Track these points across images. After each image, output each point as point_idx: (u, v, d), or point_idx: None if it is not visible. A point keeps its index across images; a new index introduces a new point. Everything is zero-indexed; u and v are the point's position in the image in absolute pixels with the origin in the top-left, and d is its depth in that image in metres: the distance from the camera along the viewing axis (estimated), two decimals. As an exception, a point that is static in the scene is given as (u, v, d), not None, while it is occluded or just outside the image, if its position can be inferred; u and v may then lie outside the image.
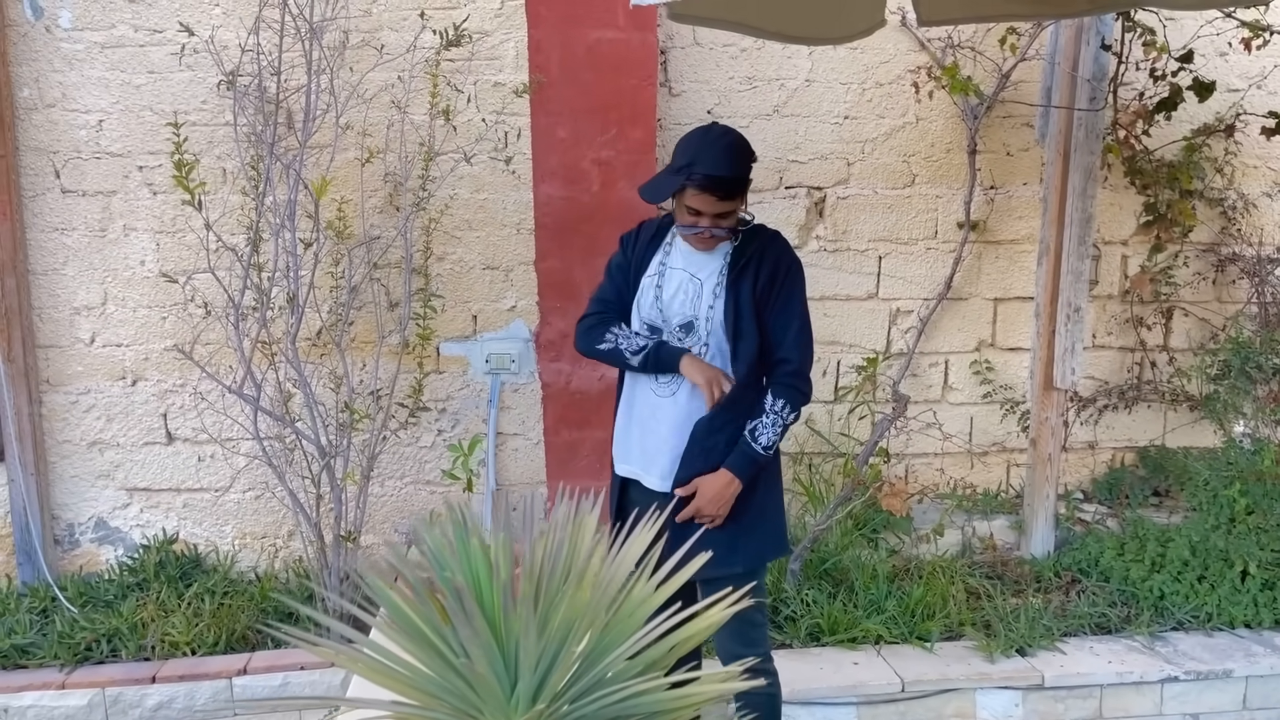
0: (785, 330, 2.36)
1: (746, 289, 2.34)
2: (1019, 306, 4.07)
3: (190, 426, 3.60)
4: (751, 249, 2.37)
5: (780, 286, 2.35)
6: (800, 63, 3.80)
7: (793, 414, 2.36)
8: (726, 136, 2.30)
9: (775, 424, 2.33)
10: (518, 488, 3.82)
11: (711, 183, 2.23)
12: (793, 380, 2.36)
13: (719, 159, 2.25)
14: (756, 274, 2.35)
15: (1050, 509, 3.92)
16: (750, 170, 2.32)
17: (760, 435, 2.32)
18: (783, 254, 2.38)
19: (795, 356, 2.36)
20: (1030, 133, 3.93)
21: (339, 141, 3.41)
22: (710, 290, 2.36)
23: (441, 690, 0.92)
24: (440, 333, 3.66)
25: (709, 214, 2.28)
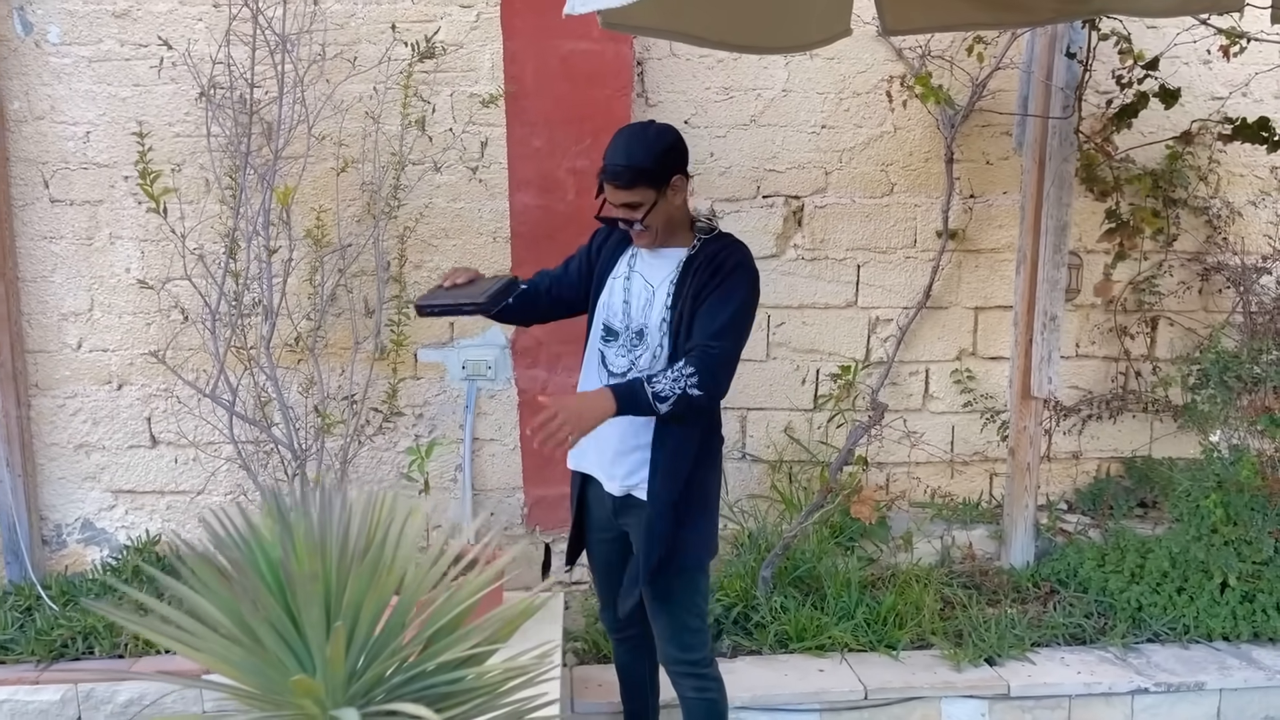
0: (711, 320, 2.27)
1: (689, 294, 2.33)
2: (1000, 315, 4.05)
3: (173, 430, 3.68)
4: (703, 255, 2.36)
5: (718, 285, 2.28)
6: (777, 73, 3.83)
7: (695, 386, 2.21)
8: (633, 127, 2.35)
9: (675, 382, 2.20)
10: (494, 493, 3.86)
11: (609, 173, 2.27)
12: (706, 359, 2.23)
13: (617, 149, 2.29)
14: (700, 276, 2.33)
15: (1030, 518, 3.90)
16: (662, 161, 2.27)
17: (657, 383, 2.20)
18: (730, 256, 2.32)
19: (712, 340, 2.24)
20: (1009, 141, 3.92)
21: (316, 151, 3.49)
22: (661, 299, 2.38)
23: (247, 667, 0.96)
24: (417, 339, 3.71)
25: (616, 204, 2.30)
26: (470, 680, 1.00)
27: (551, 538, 3.90)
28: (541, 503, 3.85)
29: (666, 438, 2.34)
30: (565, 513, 3.88)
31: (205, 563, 1.07)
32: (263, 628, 0.93)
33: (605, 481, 2.48)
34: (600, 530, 2.58)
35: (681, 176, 2.36)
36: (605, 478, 2.47)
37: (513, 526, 3.88)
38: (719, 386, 2.29)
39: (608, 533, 2.57)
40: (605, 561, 2.63)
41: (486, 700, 1.01)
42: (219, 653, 0.97)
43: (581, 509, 2.60)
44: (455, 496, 3.83)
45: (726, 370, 2.29)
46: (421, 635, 1.09)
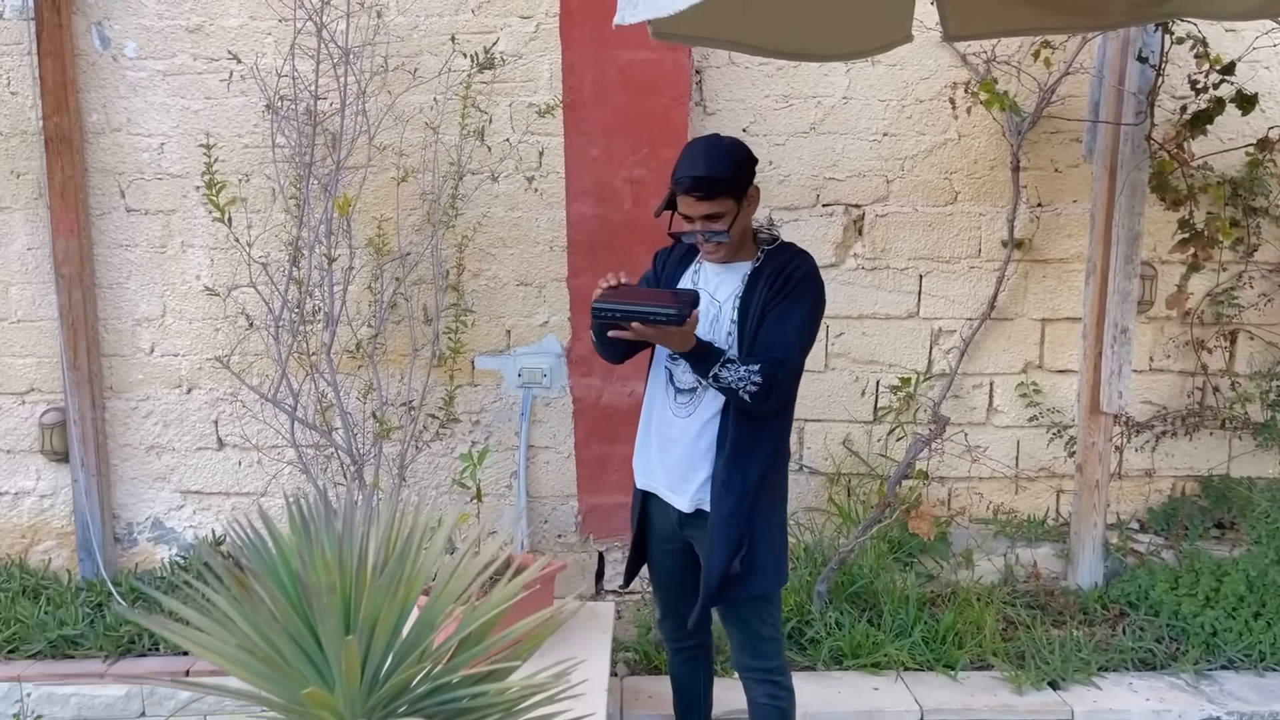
0: (778, 332, 2.28)
1: (756, 307, 2.33)
2: (1068, 328, 3.93)
3: (238, 433, 3.77)
4: (770, 267, 2.35)
5: (784, 296, 2.29)
6: (837, 80, 3.78)
7: (750, 395, 2.22)
8: (709, 139, 2.34)
9: (739, 380, 2.22)
10: (548, 500, 3.87)
11: (688, 183, 2.26)
12: (773, 374, 2.24)
13: (695, 159, 2.28)
14: (767, 288, 2.33)
15: (1098, 538, 3.77)
16: (739, 173, 2.29)
17: (725, 369, 2.23)
18: (797, 267, 2.33)
19: (780, 352, 2.26)
20: (1079, 148, 3.81)
21: (378, 162, 3.55)
22: (727, 314, 2.37)
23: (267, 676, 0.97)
24: (474, 347, 3.75)
25: (695, 217, 2.30)
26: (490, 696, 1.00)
27: (605, 546, 3.89)
28: (595, 511, 3.85)
29: (731, 448, 2.33)
30: (619, 522, 3.89)
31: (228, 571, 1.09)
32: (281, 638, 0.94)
33: (674, 498, 2.47)
34: (663, 541, 2.57)
35: (756, 187, 2.37)
36: (675, 494, 2.46)
37: (566, 535, 3.88)
38: (770, 404, 2.28)
39: (671, 543, 2.56)
40: (668, 571, 2.62)
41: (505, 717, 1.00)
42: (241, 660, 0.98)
43: (643, 525, 2.60)
44: (510, 504, 3.86)
45: (788, 386, 2.31)
46: (449, 642, 1.09)
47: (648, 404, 2.53)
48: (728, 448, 2.33)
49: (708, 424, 2.37)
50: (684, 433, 2.40)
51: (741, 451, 2.33)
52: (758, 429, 2.33)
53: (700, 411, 2.38)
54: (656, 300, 2.19)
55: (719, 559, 2.34)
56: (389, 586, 1.04)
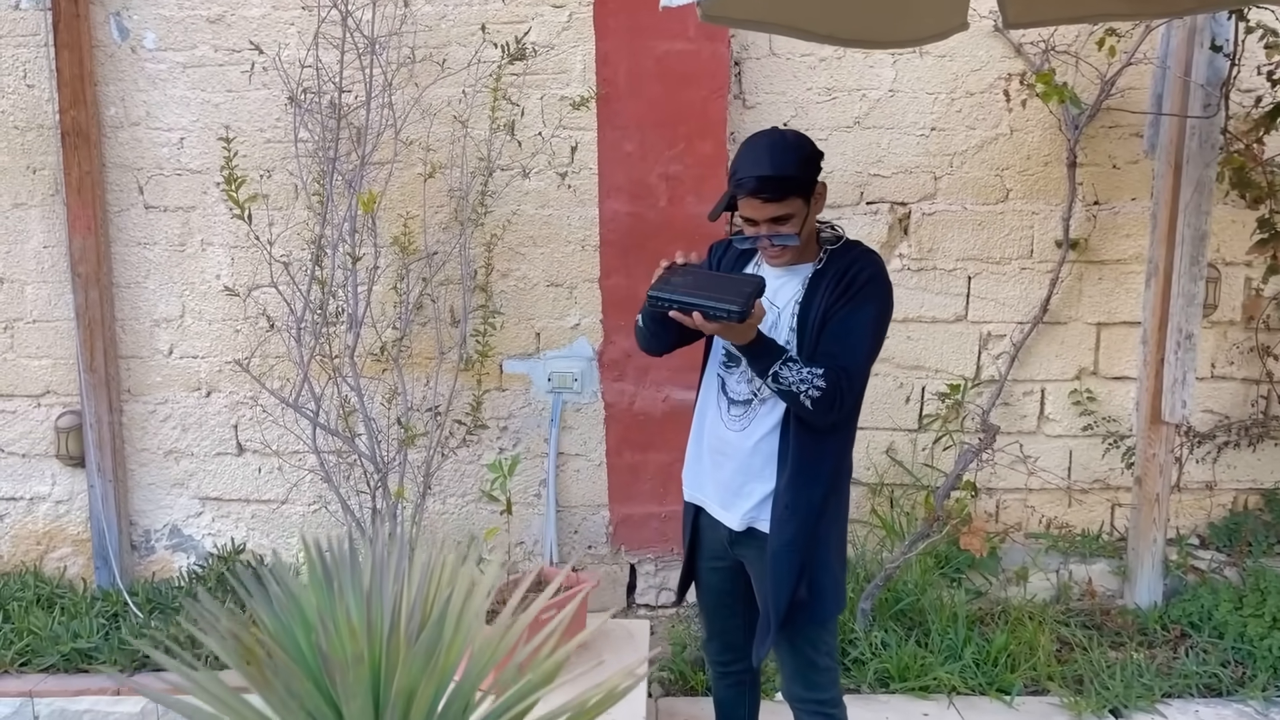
0: (841, 338, 2.11)
1: (817, 312, 2.15)
2: (1125, 332, 3.74)
3: (260, 438, 3.65)
4: (833, 269, 2.17)
5: (848, 300, 2.12)
6: (883, 72, 3.60)
7: (812, 401, 2.05)
8: (770, 136, 2.15)
9: (801, 382, 2.05)
10: (578, 510, 3.72)
11: (752, 184, 2.08)
12: (836, 383, 2.06)
13: (759, 157, 2.10)
14: (829, 292, 2.15)
15: (1158, 554, 3.57)
16: (807, 170, 2.12)
17: (785, 370, 2.05)
18: (862, 268, 2.14)
19: (845, 359, 2.09)
20: (1139, 144, 3.61)
21: (405, 157, 3.42)
22: (786, 321, 2.20)
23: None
24: (503, 350, 3.60)
25: (761, 220, 2.12)
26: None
27: (637, 558, 3.74)
28: (627, 522, 3.69)
29: (793, 467, 2.17)
30: (651, 533, 3.74)
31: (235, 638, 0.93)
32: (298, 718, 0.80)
33: (725, 514, 2.31)
34: (712, 559, 2.42)
35: (823, 184, 2.20)
36: (726, 510, 2.31)
37: (597, 546, 3.73)
38: (833, 414, 2.11)
39: (721, 561, 2.40)
40: (716, 590, 2.46)
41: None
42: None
43: (693, 540, 2.44)
44: (538, 513, 3.71)
45: (852, 395, 2.13)
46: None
47: (699, 414, 2.37)
48: (789, 467, 2.17)
49: (763, 439, 2.21)
50: (737, 447, 2.24)
51: (804, 471, 2.16)
52: (820, 445, 2.17)
53: (755, 425, 2.22)
54: (719, 291, 2.01)
55: (784, 589, 2.17)
56: (426, 657, 0.88)
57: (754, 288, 2.03)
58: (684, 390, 3.57)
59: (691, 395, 3.55)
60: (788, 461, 2.18)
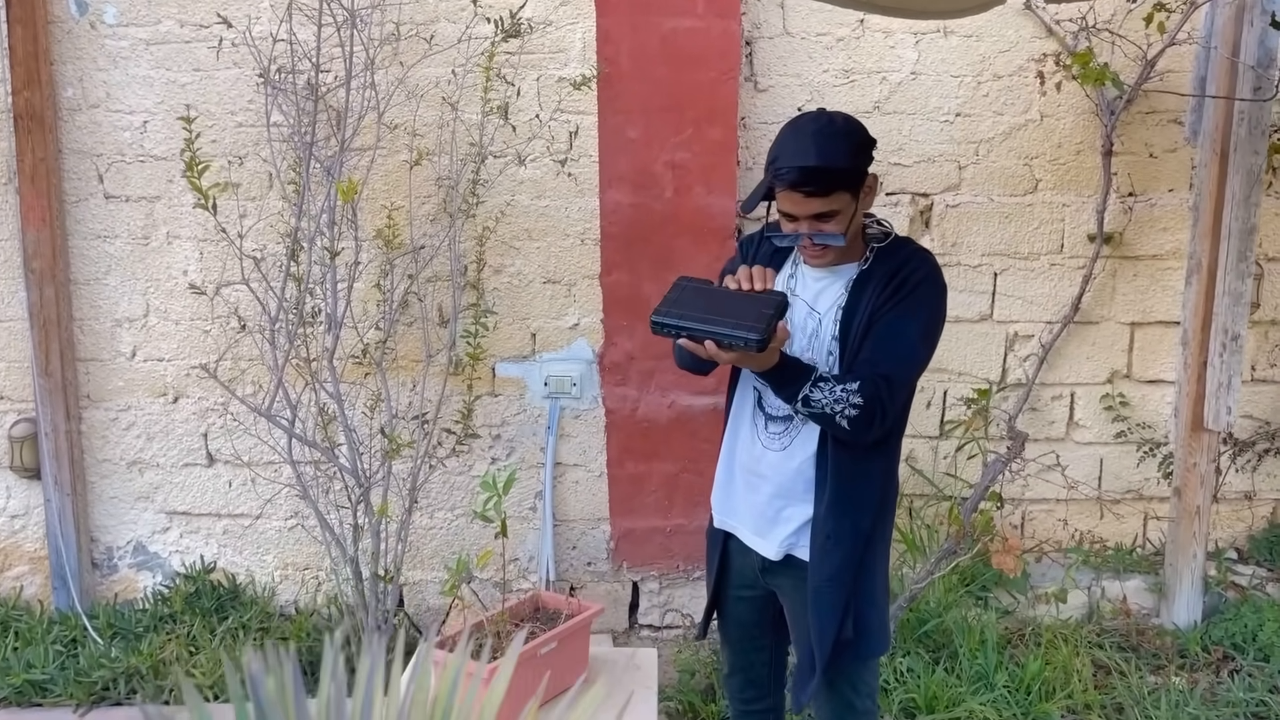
0: (889, 344, 1.87)
1: (862, 317, 1.90)
2: (1161, 332, 3.50)
3: (232, 448, 3.37)
4: (881, 270, 1.92)
5: (896, 302, 1.88)
6: (905, 53, 3.35)
7: (849, 421, 1.81)
8: (817, 121, 1.87)
9: (836, 403, 1.81)
10: (577, 524, 3.46)
11: (795, 176, 1.81)
12: (876, 395, 1.82)
13: (804, 145, 1.83)
14: (876, 294, 1.90)
15: (1198, 570, 3.34)
16: (859, 159, 1.86)
17: (817, 390, 1.82)
18: (915, 269, 1.90)
19: (887, 366, 1.86)
20: (1179, 130, 3.37)
21: (389, 143, 3.15)
22: (828, 329, 1.94)
23: None
24: (496, 352, 3.34)
25: (802, 216, 1.86)
26: None
27: (640, 576, 3.48)
28: (630, 536, 3.43)
29: (834, 492, 1.93)
30: (654, 548, 3.48)
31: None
32: None
33: (759, 542, 2.07)
34: (741, 587, 2.17)
35: (874, 176, 1.93)
36: (761, 538, 2.06)
37: (597, 563, 3.47)
38: (873, 431, 1.86)
39: (750, 590, 2.16)
40: (742, 623, 2.21)
41: None
42: None
43: (723, 565, 2.19)
44: (534, 528, 3.44)
45: (895, 407, 1.88)
46: None
47: (731, 430, 2.11)
48: (829, 491, 1.92)
49: (807, 461, 1.97)
50: (777, 469, 2.00)
51: (846, 495, 1.92)
52: (863, 465, 1.93)
53: (798, 445, 1.97)
54: (734, 315, 1.75)
55: (829, 629, 1.94)
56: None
57: (775, 308, 1.77)
58: (691, 395, 3.32)
59: (699, 401, 3.33)
60: (826, 485, 1.93)
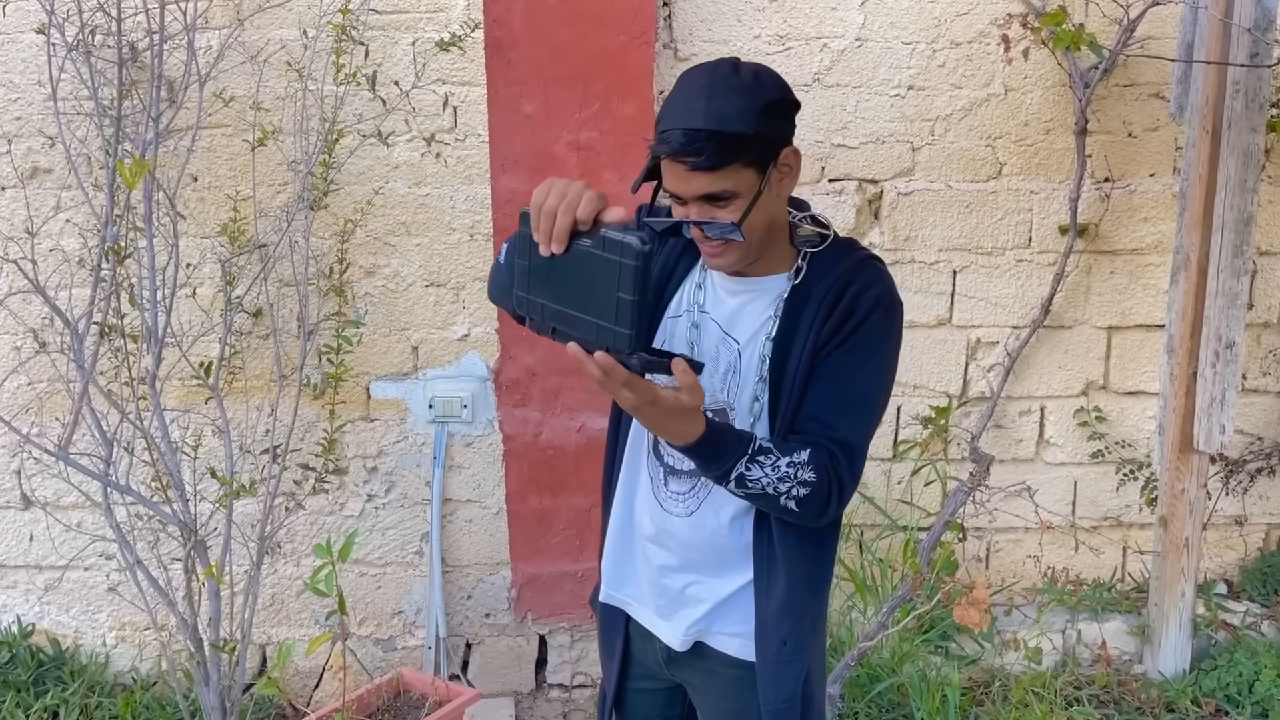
0: (841, 395, 1.41)
1: (802, 353, 1.42)
2: (1142, 337, 3.07)
3: (52, 487, 2.81)
4: (820, 285, 1.43)
5: (847, 336, 1.41)
6: (849, 16, 2.87)
7: (798, 501, 1.36)
8: (714, 71, 1.36)
9: (781, 481, 1.36)
10: (471, 570, 2.95)
11: (677, 141, 1.31)
12: (834, 468, 1.38)
13: (691, 103, 1.33)
14: (818, 321, 1.42)
15: (1187, 611, 2.92)
16: (769, 125, 1.34)
17: (755, 467, 1.35)
18: (865, 288, 1.42)
19: (844, 429, 1.41)
20: (1162, 106, 2.94)
21: (230, 121, 2.61)
22: (753, 365, 1.46)
23: None
24: (369, 369, 2.82)
25: (689, 197, 1.36)
26: None
27: (547, 628, 2.98)
28: (534, 583, 2.93)
29: (788, 584, 1.49)
30: (564, 595, 2.97)
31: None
32: None
33: (661, 626, 1.60)
34: (642, 678, 1.70)
35: (795, 151, 1.41)
36: (662, 620, 1.59)
37: (496, 614, 2.96)
38: (826, 514, 1.42)
39: (651, 681, 1.69)
40: (642, 717, 1.73)
41: None
42: None
43: (625, 660, 1.70)
44: (421, 575, 2.93)
45: (850, 483, 1.41)
46: None
47: (624, 481, 1.60)
48: (781, 584, 1.49)
49: (720, 532, 1.51)
50: (680, 539, 1.53)
51: (804, 582, 1.50)
52: (819, 542, 1.52)
53: (708, 509, 1.50)
54: (600, 304, 1.20)
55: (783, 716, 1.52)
56: None
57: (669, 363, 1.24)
58: (604, 418, 2.80)
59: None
60: (778, 576, 1.48)
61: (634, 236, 1.17)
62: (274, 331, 2.61)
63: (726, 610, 1.54)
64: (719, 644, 1.56)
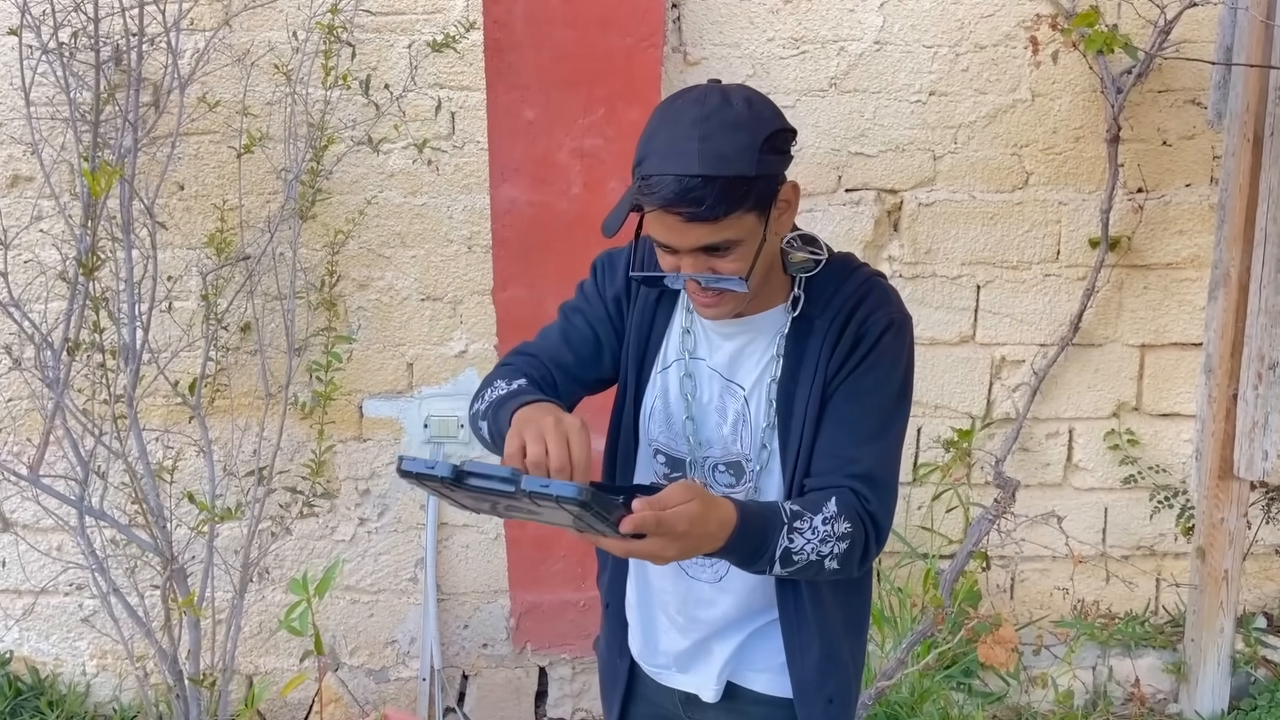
0: (858, 432, 1.30)
1: (811, 389, 1.31)
2: (1178, 356, 2.92)
3: (31, 509, 2.69)
4: (824, 314, 1.32)
5: (856, 364, 1.30)
6: (868, 18, 2.74)
7: (843, 535, 1.23)
8: (703, 104, 1.21)
9: (823, 543, 1.23)
10: (469, 598, 2.82)
11: (670, 191, 1.17)
12: (860, 488, 1.27)
13: (682, 145, 1.18)
14: (825, 352, 1.31)
15: (1225, 648, 2.76)
16: (769, 163, 1.21)
17: (797, 536, 1.21)
18: (873, 310, 1.30)
19: (867, 461, 1.29)
20: (1198, 113, 2.79)
21: (221, 126, 2.50)
22: (760, 411, 1.34)
23: None
24: (362, 387, 2.70)
25: (684, 250, 1.23)
26: None
27: (548, 660, 2.84)
28: (535, 612, 2.80)
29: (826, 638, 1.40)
30: (566, 625, 2.83)
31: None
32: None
33: (684, 679, 1.49)
34: (655, 718, 1.58)
35: (791, 185, 1.28)
36: (688, 674, 1.49)
37: (494, 644, 2.83)
38: (867, 560, 1.31)
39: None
40: None
41: None
42: None
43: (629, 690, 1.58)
44: (415, 603, 2.79)
45: (887, 522, 1.31)
46: None
47: None
48: (817, 640, 1.38)
49: (752, 590, 1.41)
50: (714, 607, 1.42)
51: (840, 630, 1.41)
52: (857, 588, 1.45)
53: (738, 572, 1.36)
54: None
55: None
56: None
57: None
58: (604, 438, 2.68)
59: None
60: (812, 631, 1.38)
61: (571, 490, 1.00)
62: (260, 347, 2.49)
63: (756, 645, 1.45)
64: (747, 681, 1.47)
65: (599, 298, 1.45)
